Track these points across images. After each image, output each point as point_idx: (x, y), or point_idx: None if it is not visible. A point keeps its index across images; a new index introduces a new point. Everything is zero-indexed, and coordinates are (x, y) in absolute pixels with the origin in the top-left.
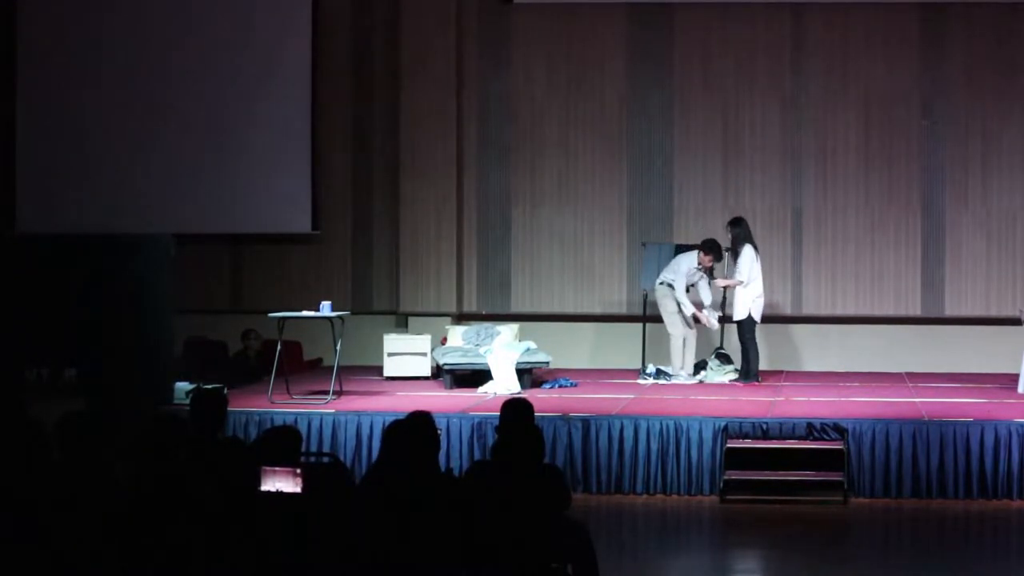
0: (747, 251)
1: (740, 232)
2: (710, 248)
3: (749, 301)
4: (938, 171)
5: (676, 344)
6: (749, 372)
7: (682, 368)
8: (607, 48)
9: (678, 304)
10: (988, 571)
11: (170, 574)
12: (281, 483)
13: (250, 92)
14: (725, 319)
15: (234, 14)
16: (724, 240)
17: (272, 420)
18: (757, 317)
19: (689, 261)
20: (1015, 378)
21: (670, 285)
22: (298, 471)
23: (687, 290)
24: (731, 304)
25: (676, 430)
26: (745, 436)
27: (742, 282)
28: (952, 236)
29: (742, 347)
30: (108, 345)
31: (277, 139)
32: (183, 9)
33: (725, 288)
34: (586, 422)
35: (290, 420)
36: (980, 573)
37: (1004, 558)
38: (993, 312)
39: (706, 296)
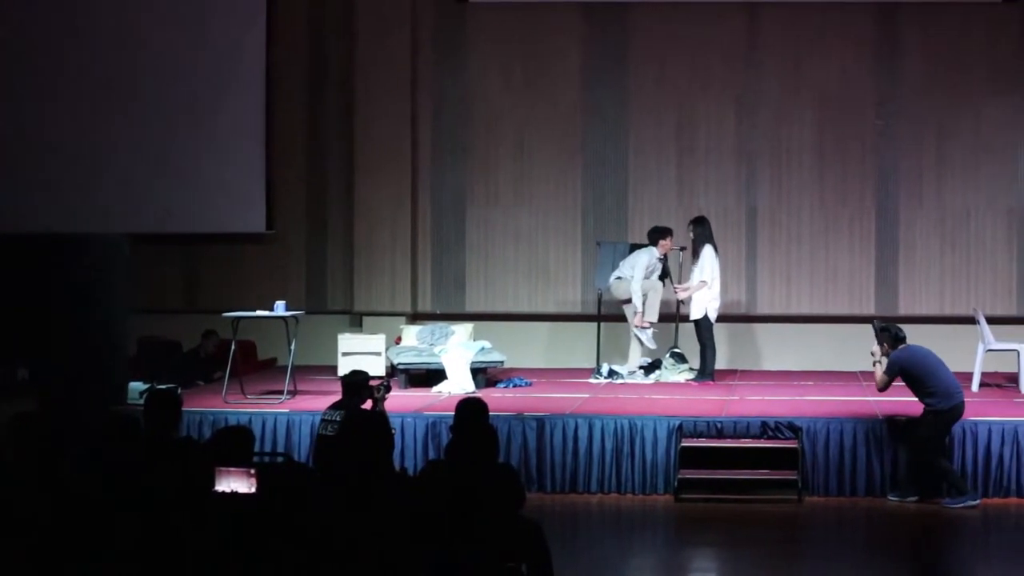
0: (707, 251)
1: (701, 232)
2: (662, 233)
3: (707, 301)
4: (892, 171)
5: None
6: (705, 371)
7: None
8: (562, 48)
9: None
10: (940, 568)
11: (123, 574)
12: (235, 483)
13: (205, 92)
14: (682, 318)
15: (189, 15)
16: (684, 240)
17: (226, 420)
18: (713, 317)
19: (648, 256)
20: (969, 377)
21: (619, 278)
22: (252, 471)
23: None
24: (688, 302)
25: (630, 429)
26: (700, 435)
27: (705, 282)
28: (906, 235)
29: (700, 346)
30: (62, 345)
31: (232, 139)
32: (138, 9)
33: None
34: (540, 421)
35: (244, 420)
36: (932, 570)
37: (956, 555)
38: (947, 311)
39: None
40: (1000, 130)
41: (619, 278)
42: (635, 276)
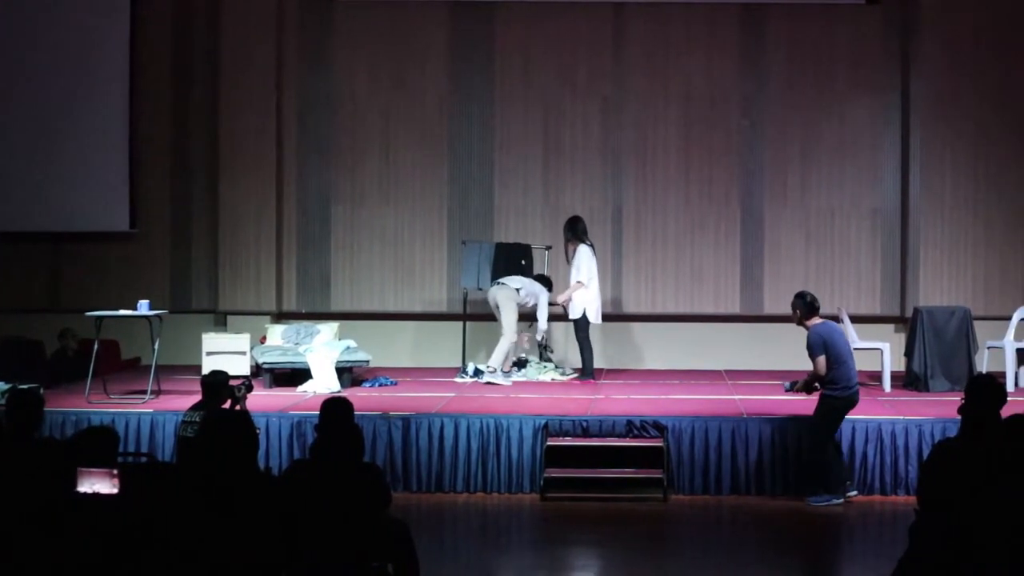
0: (583, 250)
1: (573, 232)
2: (549, 285)
3: (587, 301)
4: (757, 170)
5: (506, 345)
6: (585, 370)
7: (502, 369)
8: (428, 46)
9: (517, 308)
10: (805, 566)
11: None
12: (97, 484)
13: (68, 90)
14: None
15: (51, 11)
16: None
17: (89, 420)
18: (593, 317)
19: (543, 292)
20: None
21: (517, 290)
22: (115, 472)
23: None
24: (568, 303)
25: (496, 428)
26: (565, 434)
27: (581, 282)
28: (771, 234)
29: (578, 346)
30: None
31: (95, 136)
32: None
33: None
34: (406, 420)
35: (108, 420)
36: (797, 568)
37: (817, 550)
38: None
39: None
40: (864, 130)
41: (518, 289)
42: (540, 303)
